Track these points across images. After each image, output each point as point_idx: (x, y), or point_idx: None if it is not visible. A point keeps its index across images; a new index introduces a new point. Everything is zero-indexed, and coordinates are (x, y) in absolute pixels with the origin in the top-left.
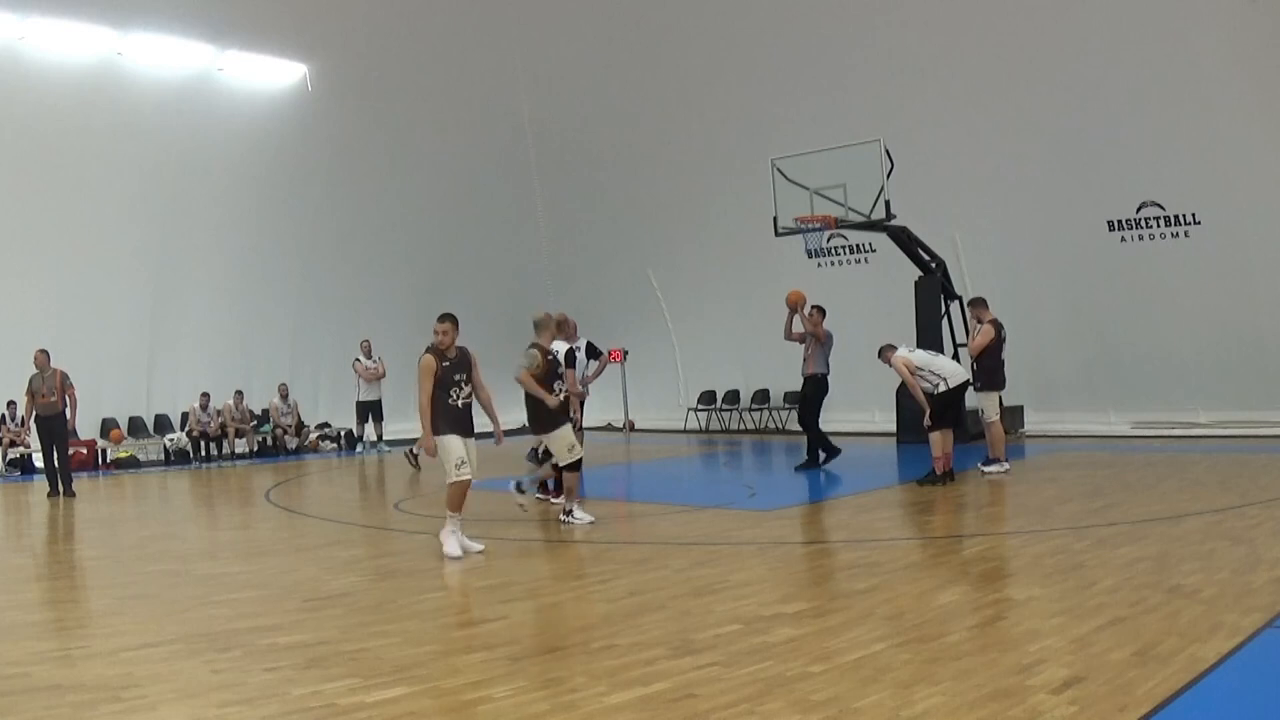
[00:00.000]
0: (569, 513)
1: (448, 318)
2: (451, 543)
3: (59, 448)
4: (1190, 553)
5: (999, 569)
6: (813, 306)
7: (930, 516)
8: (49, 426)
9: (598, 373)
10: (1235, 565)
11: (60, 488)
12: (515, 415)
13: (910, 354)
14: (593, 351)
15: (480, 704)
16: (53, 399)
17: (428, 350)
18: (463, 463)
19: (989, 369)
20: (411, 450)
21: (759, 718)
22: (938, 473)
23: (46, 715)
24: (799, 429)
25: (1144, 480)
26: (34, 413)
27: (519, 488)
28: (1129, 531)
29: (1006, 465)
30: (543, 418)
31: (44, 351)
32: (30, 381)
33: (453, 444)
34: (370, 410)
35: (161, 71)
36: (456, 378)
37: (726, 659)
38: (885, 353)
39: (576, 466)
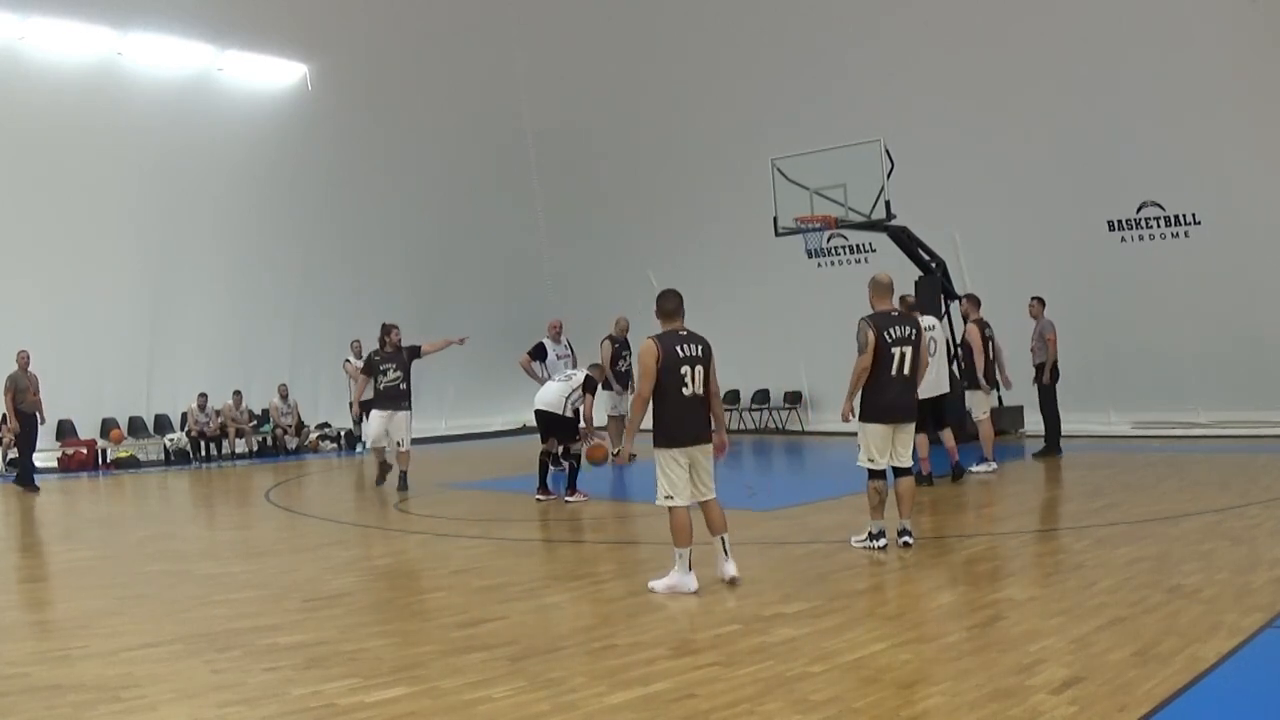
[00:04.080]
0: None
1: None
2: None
3: (30, 444)
4: (1190, 553)
5: (999, 569)
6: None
7: (930, 517)
8: (32, 424)
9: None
10: (1235, 565)
11: (26, 482)
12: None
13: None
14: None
15: (480, 704)
16: (36, 397)
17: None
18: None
19: (976, 367)
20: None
21: (759, 718)
22: (923, 473)
23: (46, 715)
24: (798, 429)
25: (1144, 480)
26: (15, 409)
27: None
28: (1129, 531)
29: (994, 465)
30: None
31: (27, 352)
32: (15, 380)
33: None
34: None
35: (161, 71)
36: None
37: (726, 659)
38: (903, 305)
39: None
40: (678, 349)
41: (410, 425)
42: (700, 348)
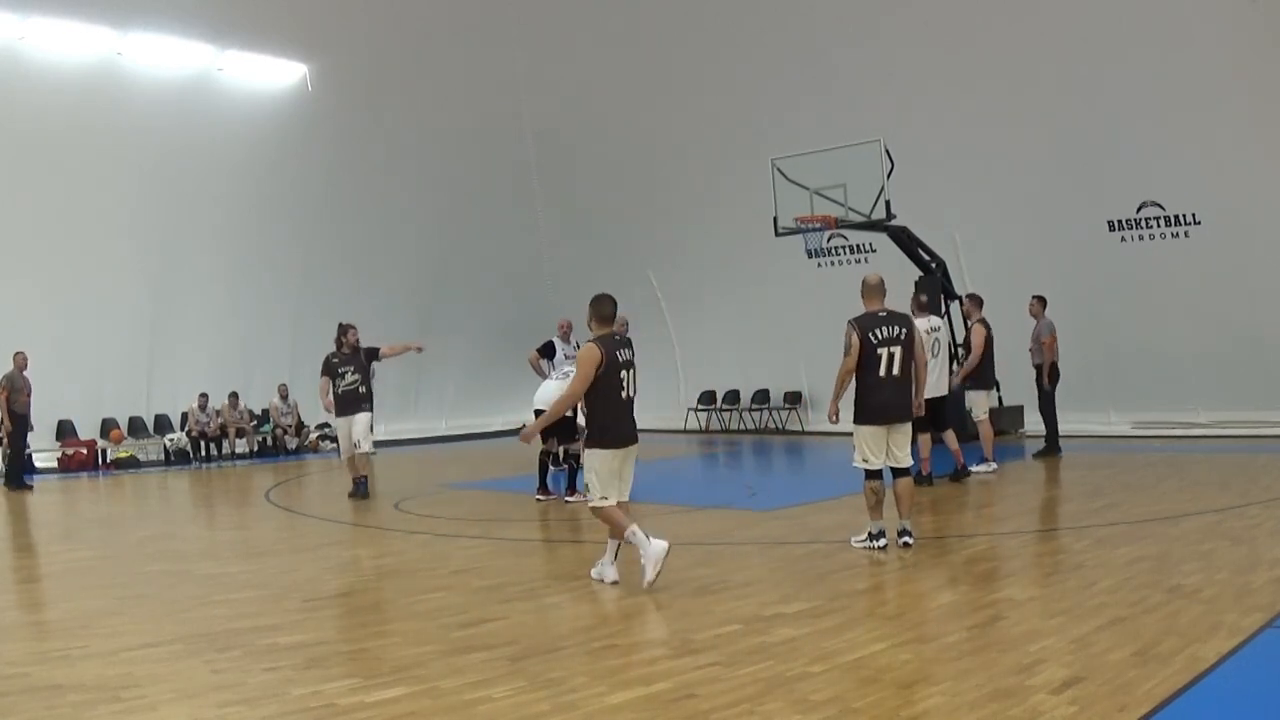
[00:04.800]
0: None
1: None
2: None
3: (22, 443)
4: (1190, 553)
5: (999, 569)
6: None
7: (930, 517)
8: (25, 424)
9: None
10: (1235, 565)
11: (19, 481)
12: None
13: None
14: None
15: (480, 704)
16: (28, 399)
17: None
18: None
19: (979, 367)
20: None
21: (759, 718)
22: (923, 473)
23: (46, 715)
24: (798, 429)
25: (1144, 480)
26: (10, 409)
27: None
28: (1129, 531)
29: (994, 465)
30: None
31: (25, 354)
32: (12, 379)
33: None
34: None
35: (161, 71)
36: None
37: (726, 659)
38: (915, 304)
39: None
40: (617, 353)
41: (370, 427)
42: (631, 351)
